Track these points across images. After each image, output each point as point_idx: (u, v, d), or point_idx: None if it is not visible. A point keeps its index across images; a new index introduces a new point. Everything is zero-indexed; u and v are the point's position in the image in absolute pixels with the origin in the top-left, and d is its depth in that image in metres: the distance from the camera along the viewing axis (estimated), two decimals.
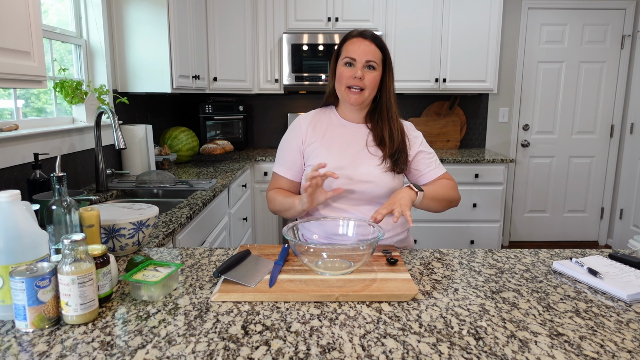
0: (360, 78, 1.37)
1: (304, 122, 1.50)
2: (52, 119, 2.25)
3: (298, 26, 3.63)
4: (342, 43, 1.43)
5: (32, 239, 0.92)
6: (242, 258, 1.15)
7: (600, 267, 1.16)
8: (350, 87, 1.39)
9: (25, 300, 0.85)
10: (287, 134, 1.52)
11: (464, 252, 1.34)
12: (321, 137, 1.46)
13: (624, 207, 4.16)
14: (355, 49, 1.38)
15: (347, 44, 1.41)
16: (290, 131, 1.51)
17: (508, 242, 4.34)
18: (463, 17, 3.63)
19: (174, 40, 2.71)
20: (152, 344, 0.82)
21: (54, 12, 2.36)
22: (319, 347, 0.81)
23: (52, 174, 1.08)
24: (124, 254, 1.28)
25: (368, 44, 1.39)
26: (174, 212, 1.87)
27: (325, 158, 1.41)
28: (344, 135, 1.46)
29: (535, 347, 0.82)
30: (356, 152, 1.44)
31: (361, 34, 1.41)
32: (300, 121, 1.51)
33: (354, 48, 1.38)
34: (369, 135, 1.46)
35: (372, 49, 1.39)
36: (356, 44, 1.39)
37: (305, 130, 1.48)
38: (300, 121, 1.51)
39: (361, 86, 1.38)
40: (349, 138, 1.46)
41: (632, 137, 4.05)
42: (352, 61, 1.38)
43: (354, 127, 1.48)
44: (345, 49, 1.41)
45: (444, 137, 4.18)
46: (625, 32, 4.02)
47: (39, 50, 1.40)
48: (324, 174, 1.25)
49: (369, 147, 1.44)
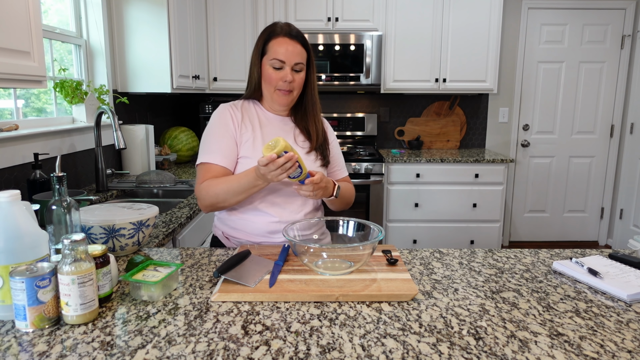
0: (290, 82, 1.37)
1: (233, 110, 1.43)
2: (52, 119, 2.25)
3: (298, 26, 3.60)
4: (268, 39, 1.38)
5: (32, 239, 0.92)
6: (242, 258, 1.15)
7: (600, 267, 1.16)
8: (280, 89, 1.39)
9: (25, 300, 0.85)
10: (217, 121, 1.42)
11: (464, 252, 1.34)
12: (251, 130, 1.42)
13: (624, 207, 4.16)
14: (283, 51, 1.35)
15: (273, 44, 1.36)
16: (219, 118, 1.42)
17: (508, 242, 4.34)
18: (463, 17, 3.64)
19: (174, 40, 2.71)
20: (152, 344, 0.82)
21: (54, 12, 2.36)
22: (319, 347, 0.81)
23: (52, 174, 1.08)
24: (124, 254, 1.28)
25: (295, 44, 1.36)
26: (174, 212, 1.87)
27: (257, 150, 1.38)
28: (273, 128, 1.45)
29: (535, 347, 0.82)
30: None
31: (288, 33, 1.37)
32: (228, 108, 1.44)
33: (282, 50, 1.35)
34: (295, 129, 1.48)
35: (299, 50, 1.37)
36: (283, 45, 1.35)
37: (239, 119, 1.41)
38: (228, 108, 1.44)
39: (290, 89, 1.39)
40: (277, 130, 1.45)
41: (632, 137, 4.05)
42: (280, 64, 1.36)
43: (281, 121, 1.48)
44: (273, 49, 1.36)
45: (444, 137, 4.18)
46: (625, 32, 4.02)
47: (39, 50, 1.40)
48: None
49: (297, 140, 1.46)
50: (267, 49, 1.38)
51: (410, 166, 3.54)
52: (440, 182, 3.58)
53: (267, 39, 1.39)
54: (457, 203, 3.61)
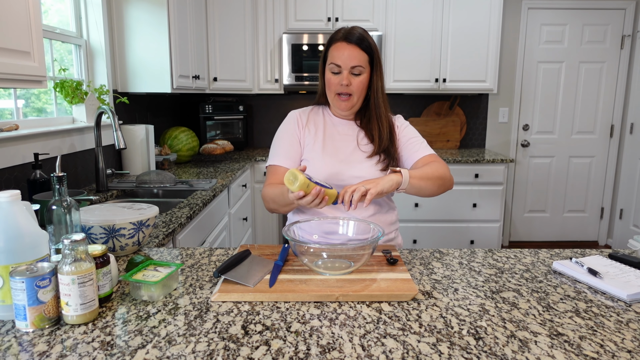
0: (347, 85, 1.38)
1: (300, 114, 1.52)
2: (52, 119, 2.25)
3: (298, 26, 3.63)
4: (329, 46, 1.42)
5: (32, 239, 0.92)
6: (242, 258, 1.15)
7: (600, 267, 1.16)
8: (340, 94, 1.41)
9: (25, 300, 0.85)
10: (284, 127, 1.52)
11: (464, 252, 1.34)
12: (314, 133, 1.47)
13: (624, 207, 4.16)
14: (339, 55, 1.37)
15: (332, 49, 1.40)
16: (286, 124, 1.52)
17: (508, 242, 4.34)
18: (463, 17, 3.64)
19: (174, 40, 2.71)
20: (152, 344, 0.82)
21: (54, 12, 2.36)
22: (319, 347, 0.81)
23: (52, 174, 1.08)
24: (124, 254, 1.29)
25: (352, 48, 1.37)
26: (174, 212, 1.87)
27: (319, 155, 1.43)
28: (337, 133, 1.48)
29: (535, 347, 0.82)
30: (349, 149, 1.46)
31: (346, 37, 1.38)
32: (295, 113, 1.53)
33: (339, 54, 1.37)
34: (359, 132, 1.49)
35: (357, 54, 1.37)
36: (340, 49, 1.37)
37: (303, 122, 1.49)
38: (295, 113, 1.53)
39: (349, 92, 1.40)
40: (341, 135, 1.48)
41: (632, 137, 4.05)
42: (337, 68, 1.38)
43: (345, 125, 1.50)
44: (331, 54, 1.40)
45: (444, 137, 4.18)
46: (625, 32, 4.02)
47: (39, 50, 1.40)
48: None
49: (360, 144, 1.47)
50: (328, 55, 1.41)
51: None
52: None
53: (328, 45, 1.42)
54: (457, 203, 3.61)
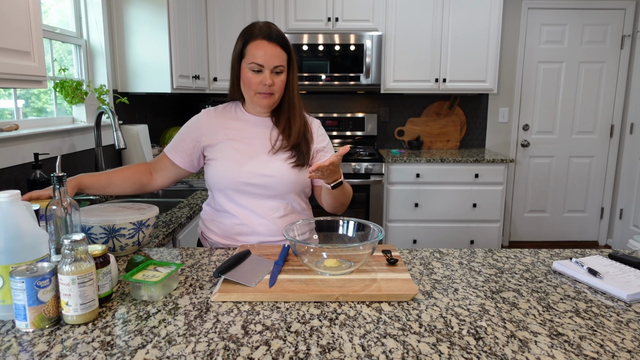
0: (270, 85, 1.34)
1: (206, 115, 1.46)
2: (52, 119, 2.25)
3: (298, 26, 3.63)
4: (246, 43, 1.34)
5: (32, 239, 0.92)
6: (242, 258, 1.15)
7: (600, 267, 1.16)
8: (260, 93, 1.36)
9: (25, 300, 0.85)
10: (187, 124, 1.48)
11: (464, 252, 1.34)
12: (225, 132, 1.42)
13: (623, 207, 4.16)
14: (262, 54, 1.32)
15: (252, 47, 1.33)
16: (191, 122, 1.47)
17: (508, 242, 4.34)
18: (463, 17, 3.64)
19: (174, 40, 2.71)
20: (152, 344, 0.82)
21: (54, 12, 2.36)
22: (319, 347, 0.81)
23: (52, 174, 1.08)
24: (124, 254, 1.28)
25: (274, 47, 1.33)
26: (174, 212, 1.87)
27: (229, 152, 1.39)
28: (249, 130, 1.44)
29: (535, 347, 0.82)
30: (261, 145, 1.41)
31: (267, 35, 1.33)
32: (203, 114, 1.47)
33: (260, 53, 1.32)
34: (273, 129, 1.44)
35: (278, 53, 1.34)
36: (262, 48, 1.32)
37: (207, 124, 1.44)
38: (203, 114, 1.47)
39: (271, 92, 1.36)
40: (254, 132, 1.43)
41: (632, 137, 4.05)
42: (259, 67, 1.33)
43: (259, 122, 1.45)
44: (251, 53, 1.33)
45: (444, 137, 4.18)
46: (625, 32, 4.02)
47: (39, 50, 1.40)
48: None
49: (273, 140, 1.42)
50: (246, 52, 1.34)
51: (410, 166, 3.54)
52: (440, 182, 3.58)
53: (245, 42, 1.34)
54: (457, 203, 3.61)
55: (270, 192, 1.39)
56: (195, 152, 1.45)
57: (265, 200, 1.40)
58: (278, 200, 1.41)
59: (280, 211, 1.42)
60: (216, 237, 1.44)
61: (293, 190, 1.42)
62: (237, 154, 1.39)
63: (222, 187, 1.40)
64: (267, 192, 1.39)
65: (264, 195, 1.39)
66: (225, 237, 1.43)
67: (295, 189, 1.42)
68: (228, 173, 1.38)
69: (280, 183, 1.38)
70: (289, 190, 1.41)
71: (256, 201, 1.40)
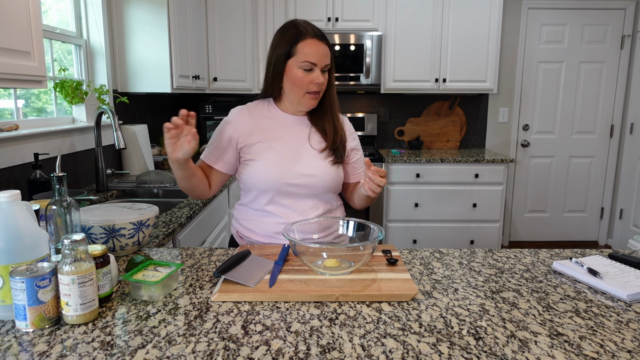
0: (321, 83, 1.34)
1: (240, 116, 1.42)
2: (52, 119, 2.25)
3: None
4: (296, 41, 1.32)
5: (32, 239, 0.92)
6: (242, 258, 1.15)
7: (600, 267, 1.16)
8: (310, 92, 1.35)
9: (25, 300, 0.85)
10: (221, 128, 1.43)
11: (464, 252, 1.34)
12: (262, 131, 1.40)
13: (623, 207, 4.16)
14: (315, 52, 1.32)
15: (303, 45, 1.32)
16: (225, 122, 1.43)
17: (508, 242, 4.34)
18: (463, 17, 3.64)
19: (174, 40, 2.71)
20: (152, 344, 0.82)
21: (54, 12, 2.36)
22: (319, 347, 0.81)
23: (52, 174, 1.08)
24: (124, 254, 1.29)
25: (324, 45, 1.34)
26: (174, 212, 1.87)
27: (269, 152, 1.37)
28: (287, 129, 1.42)
29: (535, 347, 0.82)
30: (300, 145, 1.40)
31: (316, 34, 1.33)
32: (237, 112, 1.43)
33: (314, 52, 1.32)
34: (311, 128, 1.43)
35: (327, 51, 1.35)
36: (314, 47, 1.32)
37: (242, 125, 1.41)
38: (237, 112, 1.43)
39: (320, 90, 1.36)
40: (291, 131, 1.42)
41: (632, 137, 4.05)
42: (311, 66, 1.32)
43: (296, 121, 1.44)
44: (303, 51, 1.32)
45: (444, 137, 4.18)
46: (625, 32, 4.02)
47: (39, 50, 1.40)
48: (185, 115, 1.21)
49: (312, 140, 1.42)
50: (296, 51, 1.32)
51: (410, 166, 3.54)
52: (440, 182, 3.58)
53: (295, 40, 1.32)
54: (457, 203, 3.61)
55: (312, 192, 1.40)
56: (233, 155, 1.42)
57: (306, 199, 1.40)
58: (317, 199, 1.42)
59: (320, 209, 1.42)
60: (256, 236, 1.42)
61: (332, 189, 1.43)
62: (277, 154, 1.38)
63: (264, 188, 1.38)
64: (309, 191, 1.39)
65: (305, 194, 1.39)
66: (266, 237, 1.41)
67: (334, 187, 1.43)
68: (270, 174, 1.36)
69: (323, 182, 1.39)
70: (329, 188, 1.42)
71: (297, 200, 1.40)
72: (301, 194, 1.39)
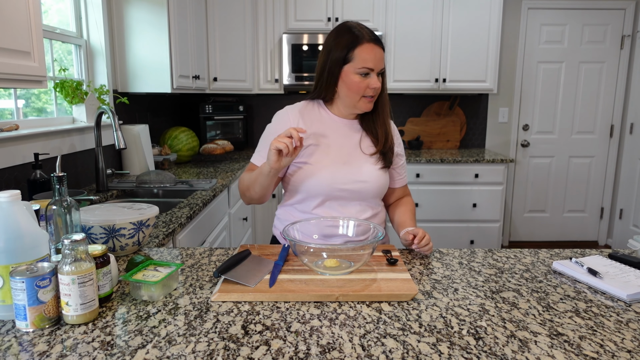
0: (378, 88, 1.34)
1: (292, 114, 1.41)
2: (53, 119, 2.25)
3: (298, 26, 3.63)
4: (353, 46, 1.31)
5: (32, 239, 0.92)
6: (242, 258, 1.15)
7: (600, 267, 1.16)
8: (366, 96, 1.35)
9: (25, 300, 0.86)
10: (274, 125, 1.43)
11: (464, 252, 1.34)
12: (314, 134, 1.39)
13: (623, 207, 4.16)
14: (372, 58, 1.31)
15: (361, 51, 1.31)
16: (277, 122, 1.42)
17: (508, 242, 4.34)
18: (463, 17, 3.64)
19: (174, 40, 2.71)
20: (152, 344, 0.82)
21: (54, 12, 2.36)
22: (319, 347, 0.81)
23: (52, 174, 1.08)
24: (124, 254, 1.29)
25: (380, 50, 1.33)
26: (174, 212, 1.87)
27: (322, 157, 1.37)
28: (337, 132, 1.41)
29: (535, 347, 0.82)
30: (352, 150, 1.40)
31: (373, 38, 1.33)
32: (288, 113, 1.42)
33: (371, 57, 1.31)
34: (362, 132, 1.43)
35: (383, 55, 1.34)
36: (372, 52, 1.31)
37: (295, 123, 1.39)
38: (288, 113, 1.42)
39: (374, 94, 1.36)
40: (343, 135, 1.41)
41: (632, 137, 4.06)
42: (368, 71, 1.31)
43: (347, 124, 1.43)
44: (361, 57, 1.30)
45: (444, 137, 4.18)
46: (625, 32, 4.02)
47: (40, 50, 1.40)
48: (299, 138, 1.22)
49: (362, 144, 1.41)
50: (353, 57, 1.31)
51: (410, 166, 3.54)
52: (440, 182, 3.58)
53: (352, 46, 1.31)
54: (457, 203, 3.61)
55: (361, 196, 1.40)
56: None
57: (354, 203, 1.40)
58: (365, 203, 1.41)
59: (367, 212, 1.42)
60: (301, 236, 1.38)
61: (380, 194, 1.43)
62: (329, 158, 1.37)
63: (315, 192, 1.37)
64: (358, 196, 1.39)
65: (353, 198, 1.39)
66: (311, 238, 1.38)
67: (382, 193, 1.44)
68: (324, 179, 1.35)
69: (373, 188, 1.39)
70: (377, 194, 1.42)
71: (346, 204, 1.39)
72: (350, 198, 1.39)
